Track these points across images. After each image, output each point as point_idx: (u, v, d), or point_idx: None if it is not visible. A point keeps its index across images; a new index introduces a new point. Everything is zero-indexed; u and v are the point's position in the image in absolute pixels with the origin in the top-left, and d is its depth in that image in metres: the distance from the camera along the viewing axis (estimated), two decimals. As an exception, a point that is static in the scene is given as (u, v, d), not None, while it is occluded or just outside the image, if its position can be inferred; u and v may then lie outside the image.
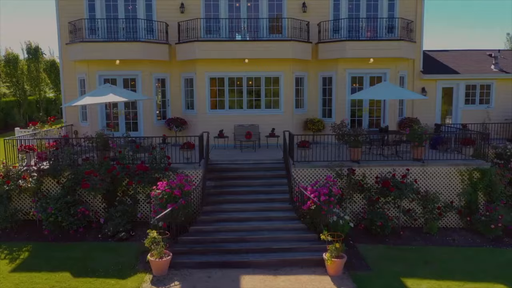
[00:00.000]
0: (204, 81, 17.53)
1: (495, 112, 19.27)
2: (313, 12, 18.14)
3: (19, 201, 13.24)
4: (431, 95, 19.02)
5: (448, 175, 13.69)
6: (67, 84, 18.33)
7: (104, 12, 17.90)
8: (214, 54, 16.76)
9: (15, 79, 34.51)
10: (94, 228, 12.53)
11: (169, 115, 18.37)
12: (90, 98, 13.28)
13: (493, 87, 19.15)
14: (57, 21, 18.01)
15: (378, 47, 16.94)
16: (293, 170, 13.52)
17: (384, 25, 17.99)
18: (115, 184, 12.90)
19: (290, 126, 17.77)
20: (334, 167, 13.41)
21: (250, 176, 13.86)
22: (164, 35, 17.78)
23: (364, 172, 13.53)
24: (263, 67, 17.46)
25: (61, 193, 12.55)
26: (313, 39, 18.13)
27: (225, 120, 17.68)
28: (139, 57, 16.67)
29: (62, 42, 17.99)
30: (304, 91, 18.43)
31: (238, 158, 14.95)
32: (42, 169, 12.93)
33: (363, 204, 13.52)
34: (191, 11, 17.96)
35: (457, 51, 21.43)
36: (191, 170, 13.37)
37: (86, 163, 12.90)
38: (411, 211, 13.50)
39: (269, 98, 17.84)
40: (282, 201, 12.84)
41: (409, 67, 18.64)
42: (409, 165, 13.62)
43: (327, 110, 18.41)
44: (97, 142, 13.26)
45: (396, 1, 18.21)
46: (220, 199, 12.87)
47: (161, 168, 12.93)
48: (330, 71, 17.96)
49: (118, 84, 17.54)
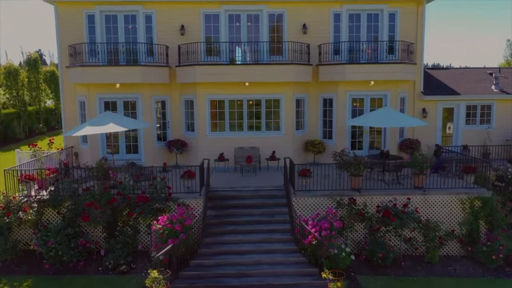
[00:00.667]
0: (205, 104, 17.52)
1: (496, 132, 19.25)
2: (313, 33, 18.13)
3: (20, 232, 13.22)
4: (431, 116, 19.00)
5: (449, 204, 13.68)
6: (67, 105, 18.31)
7: (104, 35, 17.89)
8: (214, 77, 16.75)
9: (15, 91, 34.48)
10: (94, 259, 12.51)
11: (170, 137, 18.34)
12: (91, 128, 13.26)
13: (494, 108, 19.13)
14: (58, 44, 18.00)
15: (379, 70, 16.92)
16: (294, 199, 13.50)
17: (385, 48, 18.00)
18: (116, 215, 12.88)
19: (290, 148, 17.77)
20: (335, 196, 13.39)
21: (250, 204, 13.84)
22: (164, 57, 17.77)
23: (365, 201, 13.52)
24: (264, 90, 17.46)
25: (62, 225, 12.53)
26: (314, 60, 18.12)
27: (225, 142, 17.67)
28: (139, 80, 16.66)
29: (63, 65, 17.98)
30: (304, 113, 18.41)
31: (238, 184, 14.94)
32: (43, 199, 12.90)
33: (364, 233, 13.50)
34: (191, 33, 17.95)
35: (458, 69, 21.43)
36: (192, 200, 13.35)
37: (87, 194, 12.87)
38: (412, 240, 13.49)
39: (270, 120, 17.83)
40: (283, 232, 12.82)
41: (409, 88, 18.62)
42: (410, 194, 13.61)
43: (327, 132, 18.39)
44: (97, 172, 13.23)
45: (397, 23, 18.21)
46: (220, 230, 12.85)
47: (162, 199, 12.91)
48: (331, 92, 17.94)
49: (118, 107, 17.55)
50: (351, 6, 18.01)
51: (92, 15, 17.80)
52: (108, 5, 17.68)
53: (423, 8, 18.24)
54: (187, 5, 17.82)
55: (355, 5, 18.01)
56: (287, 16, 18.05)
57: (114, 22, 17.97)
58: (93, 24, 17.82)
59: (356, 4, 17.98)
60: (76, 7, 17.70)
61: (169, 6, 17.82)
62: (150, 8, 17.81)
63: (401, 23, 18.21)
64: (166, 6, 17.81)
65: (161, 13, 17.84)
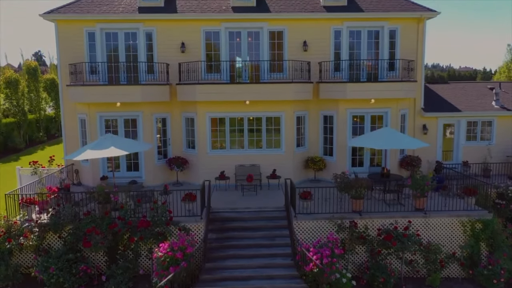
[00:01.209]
0: (205, 121, 17.51)
1: (496, 148, 19.26)
2: (314, 50, 18.13)
3: (21, 256, 13.21)
4: (432, 132, 19.01)
5: (450, 226, 13.68)
6: (68, 122, 18.30)
7: (105, 52, 17.89)
8: (215, 96, 16.75)
9: (15, 101, 34.47)
10: (95, 285, 12.50)
11: (170, 154, 18.34)
12: (91, 152, 13.25)
13: (494, 124, 19.13)
14: (58, 61, 18.01)
15: (380, 88, 16.92)
16: (295, 222, 13.50)
17: (385, 66, 18.01)
18: (117, 239, 12.87)
19: (291, 165, 17.78)
20: (336, 219, 13.39)
21: (251, 227, 13.83)
22: (164, 75, 17.77)
23: (366, 224, 13.52)
24: (264, 107, 17.46)
25: (63, 250, 12.52)
26: (314, 77, 18.13)
27: (226, 160, 17.67)
28: (140, 100, 16.64)
29: (63, 83, 17.97)
30: (305, 129, 18.41)
31: (239, 204, 14.92)
32: (44, 223, 12.88)
33: (365, 256, 13.50)
34: (192, 50, 17.95)
35: (458, 84, 21.40)
36: (193, 224, 13.34)
37: (88, 218, 12.85)
38: (413, 262, 13.50)
39: (270, 137, 17.82)
40: (284, 257, 12.80)
41: (410, 105, 18.62)
42: (411, 216, 13.61)
43: (328, 149, 18.39)
44: (98, 196, 13.22)
45: (397, 39, 18.22)
46: (222, 255, 12.84)
47: (163, 223, 12.88)
48: (331, 110, 17.94)
49: (119, 124, 17.55)
50: (352, 23, 18.01)
51: (93, 32, 17.79)
52: (109, 23, 17.67)
53: (424, 24, 18.24)
54: (187, 23, 17.82)
55: (356, 22, 18.01)
56: (287, 33, 18.05)
57: (115, 40, 17.97)
58: (94, 41, 17.82)
59: (356, 21, 17.98)
60: (76, 24, 17.70)
61: (170, 24, 17.82)
62: (150, 25, 17.81)
63: (402, 39, 18.22)
64: (166, 24, 17.81)
65: (162, 30, 17.84)
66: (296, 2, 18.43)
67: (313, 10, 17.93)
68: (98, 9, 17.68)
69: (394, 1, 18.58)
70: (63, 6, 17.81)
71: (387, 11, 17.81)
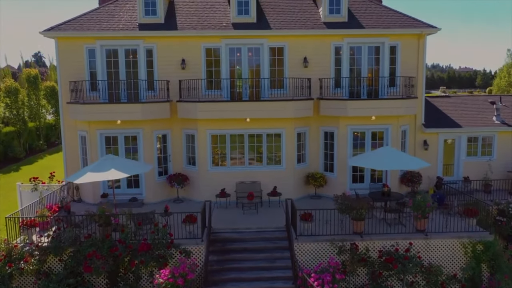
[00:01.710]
0: (206, 138, 17.50)
1: (497, 163, 19.25)
2: (314, 65, 18.11)
3: (21, 279, 13.16)
4: (433, 148, 18.99)
5: (452, 248, 13.67)
6: (68, 139, 18.29)
7: (105, 68, 17.88)
8: (215, 114, 16.73)
9: (15, 110, 34.45)
10: (96, 309, 12.48)
11: (171, 171, 18.31)
12: (92, 174, 13.23)
13: (495, 139, 19.12)
14: (59, 78, 17.99)
15: (380, 106, 16.90)
16: (296, 244, 13.47)
17: (386, 83, 18.00)
18: (118, 262, 12.85)
19: (291, 181, 17.77)
20: (337, 241, 13.37)
21: (252, 248, 13.82)
22: (165, 92, 17.76)
23: (367, 246, 13.50)
24: (265, 125, 17.45)
25: (63, 274, 12.50)
26: (315, 93, 18.10)
27: (226, 177, 17.66)
28: (140, 118, 16.63)
29: (64, 100, 17.96)
30: (305, 145, 18.39)
31: (240, 224, 14.91)
32: (44, 247, 12.86)
33: (366, 278, 13.48)
34: (192, 66, 17.94)
35: (459, 97, 21.41)
36: (194, 246, 13.31)
37: (88, 241, 12.83)
38: (414, 284, 13.48)
39: (271, 154, 17.81)
40: (285, 280, 12.78)
41: (410, 121, 18.61)
42: (412, 238, 13.59)
43: (328, 164, 18.37)
44: (99, 219, 13.20)
45: (398, 55, 18.20)
46: (223, 278, 12.82)
47: (164, 246, 12.87)
48: (332, 126, 17.93)
49: (119, 141, 17.53)
50: (352, 39, 18.00)
51: (93, 49, 17.78)
52: (109, 40, 17.66)
53: (424, 40, 18.24)
54: (188, 39, 17.81)
55: (356, 38, 17.99)
56: (288, 49, 18.04)
57: (115, 56, 17.95)
58: (94, 58, 17.81)
59: (357, 37, 17.96)
60: (76, 41, 17.69)
61: (170, 40, 17.81)
62: (151, 42, 17.80)
63: (402, 55, 18.21)
64: (167, 40, 17.80)
65: (162, 47, 17.83)
66: (296, 18, 18.41)
67: (313, 26, 17.92)
68: (98, 26, 17.66)
69: (395, 16, 18.57)
70: (64, 23, 17.79)
71: (387, 28, 17.81)
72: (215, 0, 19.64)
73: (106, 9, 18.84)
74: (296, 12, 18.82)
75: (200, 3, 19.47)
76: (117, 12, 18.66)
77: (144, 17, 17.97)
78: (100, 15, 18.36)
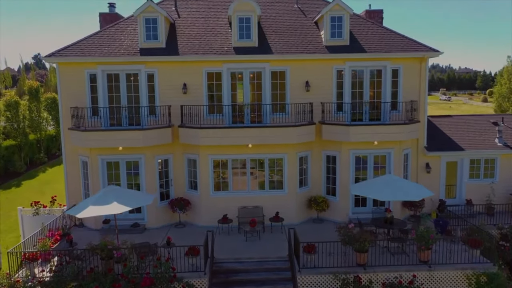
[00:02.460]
0: (208, 164, 17.46)
1: (499, 185, 19.19)
2: (316, 89, 18.06)
3: (23, 314, 13.13)
4: (435, 170, 18.95)
5: (455, 280, 13.61)
6: (69, 165, 18.25)
7: (106, 93, 17.82)
8: (217, 141, 16.68)
9: (16, 124, 34.41)
10: None
11: (173, 195, 18.26)
12: (93, 208, 13.17)
13: (498, 162, 19.07)
14: (60, 103, 17.97)
15: (383, 131, 16.85)
16: (299, 277, 13.43)
17: (388, 108, 17.97)
18: (120, 297, 12.80)
19: (293, 205, 17.73)
20: (340, 274, 13.31)
21: (255, 279, 13.77)
22: (166, 118, 17.71)
23: (370, 278, 13.45)
24: (267, 150, 17.41)
25: (66, 310, 12.45)
26: (317, 116, 18.03)
27: (229, 202, 17.62)
28: (142, 144, 16.58)
29: (65, 126, 17.92)
30: (307, 169, 18.34)
31: (243, 254, 14.84)
32: (47, 282, 12.81)
33: (370, 311, 13.43)
34: (194, 91, 17.90)
35: (461, 117, 21.35)
36: (197, 279, 13.27)
37: (91, 276, 12.78)
38: (418, 316, 13.42)
39: (273, 179, 17.77)
40: (288, 315, 12.74)
41: (413, 145, 18.55)
42: (416, 270, 13.54)
43: (331, 188, 18.32)
44: (101, 253, 13.15)
45: (400, 78, 18.16)
46: (226, 312, 12.78)
47: (167, 280, 12.81)
48: (334, 150, 17.88)
49: (121, 167, 17.48)
50: (354, 63, 17.95)
51: (94, 74, 17.74)
52: (110, 65, 17.62)
53: (426, 63, 18.20)
54: (189, 64, 17.77)
55: (358, 62, 17.95)
56: (289, 73, 18.00)
57: (116, 81, 17.91)
58: (95, 83, 17.77)
59: (359, 61, 17.92)
60: (77, 67, 17.65)
61: (171, 65, 17.77)
62: (152, 67, 17.76)
63: (404, 78, 18.16)
64: (168, 65, 17.76)
65: (163, 71, 17.79)
66: (298, 42, 18.37)
67: (315, 50, 17.87)
68: (100, 51, 17.62)
69: (397, 39, 18.53)
70: (65, 48, 17.76)
71: (389, 52, 17.76)
72: (216, 23, 19.60)
73: (107, 32, 18.79)
74: (298, 36, 18.78)
75: (202, 26, 19.44)
76: (118, 36, 18.62)
77: (145, 41, 17.94)
78: (101, 40, 18.32)
